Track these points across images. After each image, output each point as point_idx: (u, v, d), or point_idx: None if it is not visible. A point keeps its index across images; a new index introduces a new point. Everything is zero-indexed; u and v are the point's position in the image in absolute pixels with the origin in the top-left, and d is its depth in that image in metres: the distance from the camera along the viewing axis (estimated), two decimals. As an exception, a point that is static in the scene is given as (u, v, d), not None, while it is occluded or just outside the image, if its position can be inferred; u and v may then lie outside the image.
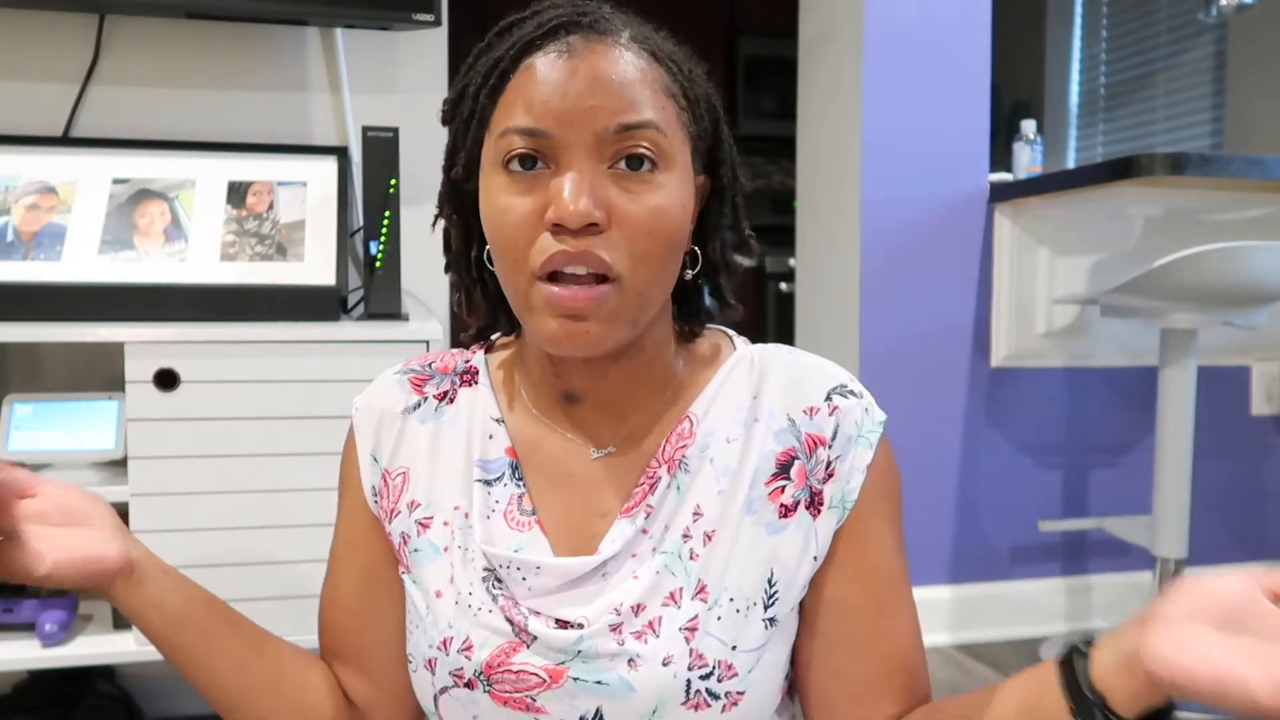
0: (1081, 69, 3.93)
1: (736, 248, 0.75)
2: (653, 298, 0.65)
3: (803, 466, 0.70)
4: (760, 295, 4.19)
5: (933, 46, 2.19)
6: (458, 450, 0.74)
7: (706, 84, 0.70)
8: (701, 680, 0.66)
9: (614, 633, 0.67)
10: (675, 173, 0.64)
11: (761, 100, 4.46)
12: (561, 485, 0.72)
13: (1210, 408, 2.38)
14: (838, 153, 2.28)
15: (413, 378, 0.78)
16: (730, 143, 0.71)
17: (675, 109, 0.65)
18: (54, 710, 1.61)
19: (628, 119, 0.62)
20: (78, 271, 1.50)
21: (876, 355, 2.19)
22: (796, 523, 0.70)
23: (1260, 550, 2.46)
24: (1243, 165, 1.84)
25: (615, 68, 0.63)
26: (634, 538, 0.69)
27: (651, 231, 0.63)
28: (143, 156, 1.64)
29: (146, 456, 1.45)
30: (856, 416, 0.71)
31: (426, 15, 1.66)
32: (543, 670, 0.67)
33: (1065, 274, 2.23)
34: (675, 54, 0.69)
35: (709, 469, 0.70)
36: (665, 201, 0.63)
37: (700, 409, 0.72)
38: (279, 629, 1.59)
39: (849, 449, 0.70)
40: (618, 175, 0.63)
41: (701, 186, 0.70)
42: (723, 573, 0.68)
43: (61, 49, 1.73)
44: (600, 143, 0.62)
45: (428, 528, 0.74)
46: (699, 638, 0.66)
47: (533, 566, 0.69)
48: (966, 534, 2.25)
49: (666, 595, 0.67)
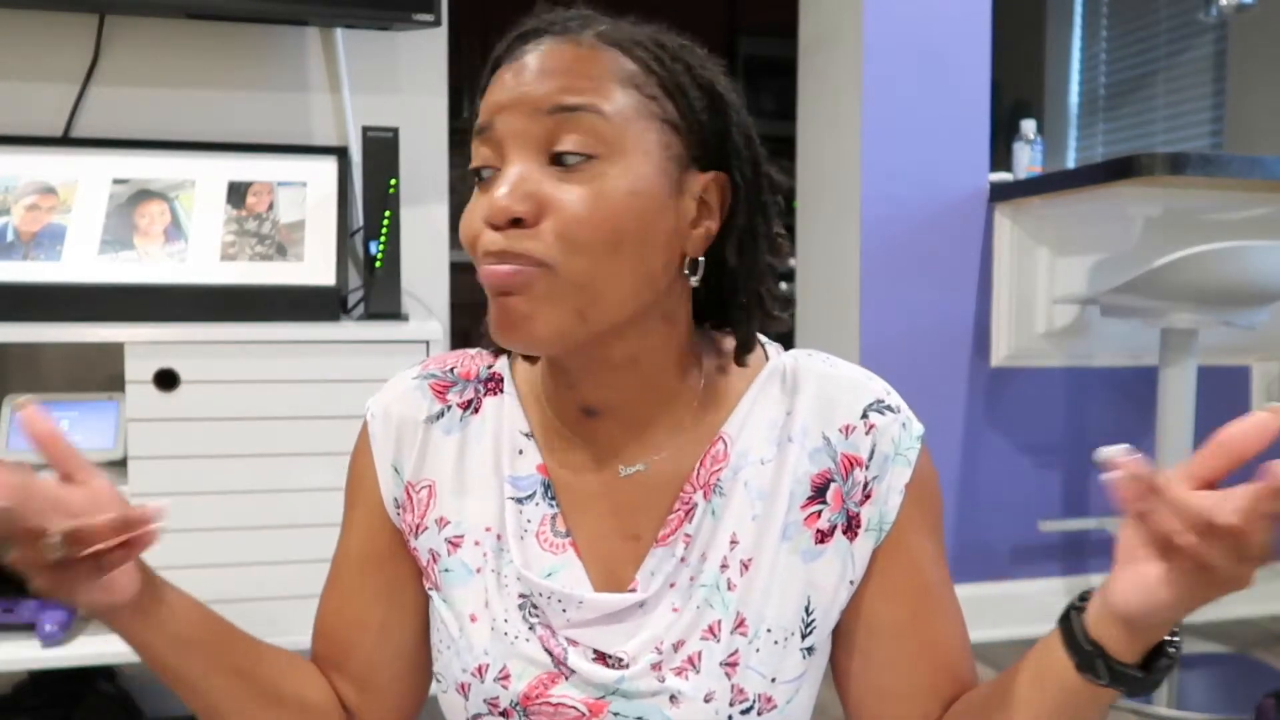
0: (1081, 69, 3.93)
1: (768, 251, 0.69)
2: (603, 291, 0.61)
3: (839, 490, 0.68)
4: (760, 295, 4.19)
5: (933, 46, 2.19)
6: (486, 465, 0.71)
7: (713, 76, 0.67)
8: (743, 715, 0.65)
9: (655, 670, 0.65)
10: (625, 162, 0.61)
11: (761, 100, 4.46)
12: (593, 505, 0.69)
13: (1210, 408, 2.38)
14: (838, 153, 2.28)
15: (434, 383, 0.74)
16: (747, 136, 0.67)
17: (637, 98, 0.62)
18: (54, 710, 1.61)
19: (559, 101, 0.60)
20: (78, 271, 1.50)
21: (876, 355, 2.18)
22: (834, 548, 0.68)
23: (1260, 550, 2.46)
24: (1243, 165, 1.84)
25: (562, 59, 0.62)
26: (674, 569, 0.67)
27: (584, 220, 0.59)
28: (143, 156, 1.64)
29: (146, 456, 1.44)
30: (894, 434, 0.68)
31: (426, 15, 1.66)
32: (582, 704, 0.65)
33: (1065, 274, 2.23)
34: (662, 47, 0.66)
35: (742, 492, 0.67)
36: (608, 188, 0.60)
37: (733, 429, 0.69)
38: (279, 629, 1.59)
39: (886, 469, 0.68)
40: (556, 170, 0.61)
41: (713, 184, 0.66)
42: (761, 604, 0.66)
43: (61, 49, 1.73)
44: (536, 128, 0.61)
45: (459, 547, 0.70)
46: (740, 672, 0.65)
47: (575, 601, 0.67)
48: (966, 534, 2.25)
49: (705, 629, 0.66)
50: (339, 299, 1.58)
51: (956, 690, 0.72)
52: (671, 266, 0.64)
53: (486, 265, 0.61)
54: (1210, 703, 1.88)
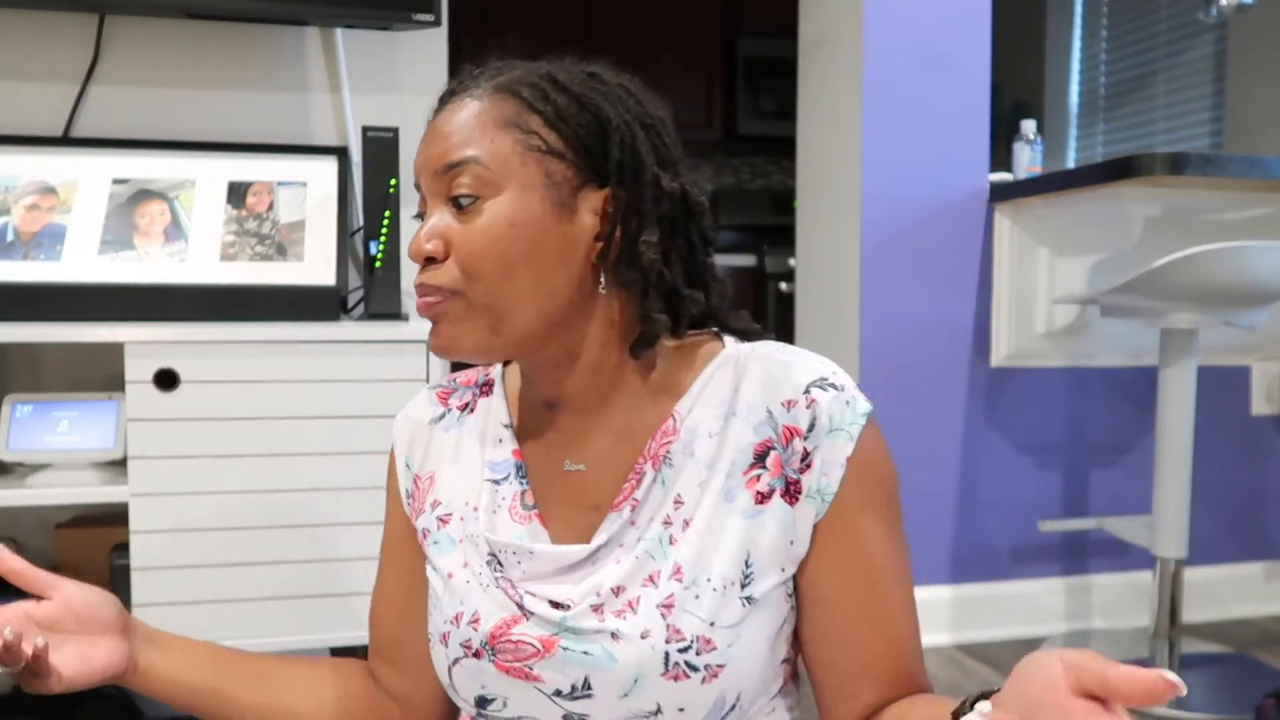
0: (1081, 69, 3.93)
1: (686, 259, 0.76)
2: (507, 307, 0.71)
3: (779, 456, 0.73)
4: (760, 295, 4.19)
5: (933, 46, 2.19)
6: (474, 454, 0.82)
7: (600, 102, 0.73)
8: (680, 653, 0.70)
9: (596, 612, 0.73)
10: (506, 195, 0.71)
11: (761, 100, 4.46)
12: (558, 483, 0.79)
13: (1210, 408, 2.38)
14: (838, 153, 2.28)
15: (440, 392, 0.87)
16: (633, 151, 0.73)
17: (517, 136, 0.71)
18: (54, 710, 1.61)
19: (448, 160, 0.72)
20: (78, 271, 1.50)
21: (876, 355, 2.18)
22: (772, 510, 0.73)
23: (1260, 550, 2.46)
24: (1243, 165, 1.84)
25: (452, 120, 0.73)
26: (620, 529, 0.75)
27: (478, 252, 0.71)
28: (143, 156, 1.64)
29: (146, 456, 1.45)
30: (835, 409, 0.73)
31: (426, 15, 1.66)
32: (537, 640, 0.73)
33: (1065, 274, 2.23)
34: (553, 82, 0.73)
35: (690, 462, 0.74)
36: (490, 222, 0.71)
37: (684, 407, 0.76)
38: (278, 629, 1.59)
39: (826, 440, 0.72)
40: (456, 212, 0.72)
41: (610, 199, 0.73)
42: (699, 555, 0.72)
43: (61, 49, 1.73)
44: (439, 184, 0.73)
45: (446, 523, 0.81)
46: (675, 614, 0.71)
47: (526, 551, 0.76)
48: (966, 534, 2.25)
49: (645, 578, 0.73)
50: (339, 299, 1.58)
51: (900, 680, 0.74)
52: (583, 277, 0.73)
53: (418, 297, 0.74)
54: (1210, 703, 1.88)
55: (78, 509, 1.78)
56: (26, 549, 1.75)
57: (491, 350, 0.73)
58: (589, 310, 0.74)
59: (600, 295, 0.74)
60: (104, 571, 1.69)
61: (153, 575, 1.46)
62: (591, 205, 0.73)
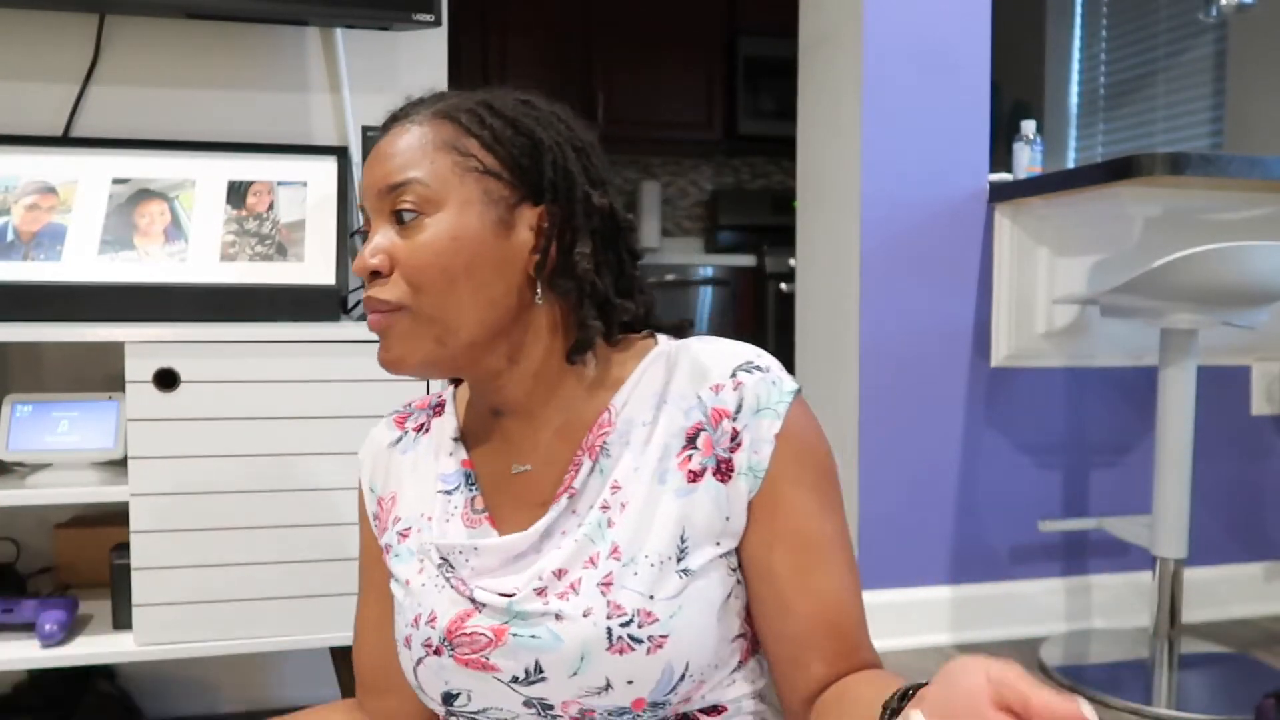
0: (1081, 69, 3.93)
1: (616, 271, 0.82)
2: (451, 319, 0.76)
3: (709, 437, 0.77)
4: (760, 295, 4.19)
5: (933, 46, 2.19)
6: (429, 470, 0.87)
7: (533, 125, 0.78)
8: (622, 627, 0.73)
9: (540, 596, 0.76)
10: (446, 212, 0.75)
11: (761, 100, 4.46)
12: (507, 486, 0.83)
13: (1210, 408, 2.38)
14: (838, 153, 2.28)
15: (397, 417, 0.93)
16: (564, 170, 0.78)
17: (455, 158, 0.76)
18: (54, 710, 1.61)
19: (391, 180, 0.76)
20: (78, 271, 1.50)
21: (876, 355, 2.19)
22: (704, 487, 0.77)
23: (1260, 550, 2.46)
24: (1243, 165, 1.84)
25: (395, 143, 0.77)
26: (560, 518, 0.79)
27: (421, 266, 0.75)
28: (143, 156, 1.64)
29: (146, 456, 1.45)
30: (761, 390, 0.77)
31: (426, 15, 1.66)
32: (490, 630, 0.77)
33: (1065, 274, 2.23)
34: (489, 108, 0.79)
35: (628, 452, 0.79)
36: (431, 237, 0.75)
37: (619, 401, 0.80)
38: (278, 629, 1.59)
39: (754, 420, 0.77)
40: (400, 229, 0.76)
41: (544, 215, 0.78)
42: (634, 534, 0.76)
43: (61, 49, 1.73)
44: (383, 203, 0.77)
45: (406, 537, 0.86)
46: (615, 590, 0.74)
47: (471, 549, 0.80)
48: (966, 534, 2.25)
49: (586, 560, 0.77)
50: (339, 299, 1.58)
51: (845, 648, 0.77)
52: (521, 288, 0.78)
53: (367, 313, 0.78)
54: (1210, 703, 1.88)
55: (78, 509, 1.78)
56: (26, 549, 1.75)
57: (438, 362, 0.77)
58: (527, 320, 0.79)
59: (538, 305, 0.79)
60: (104, 571, 1.69)
61: (153, 575, 1.46)
62: (527, 221, 0.78)
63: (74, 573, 1.73)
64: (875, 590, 2.19)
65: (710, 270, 4.15)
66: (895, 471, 2.20)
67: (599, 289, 0.79)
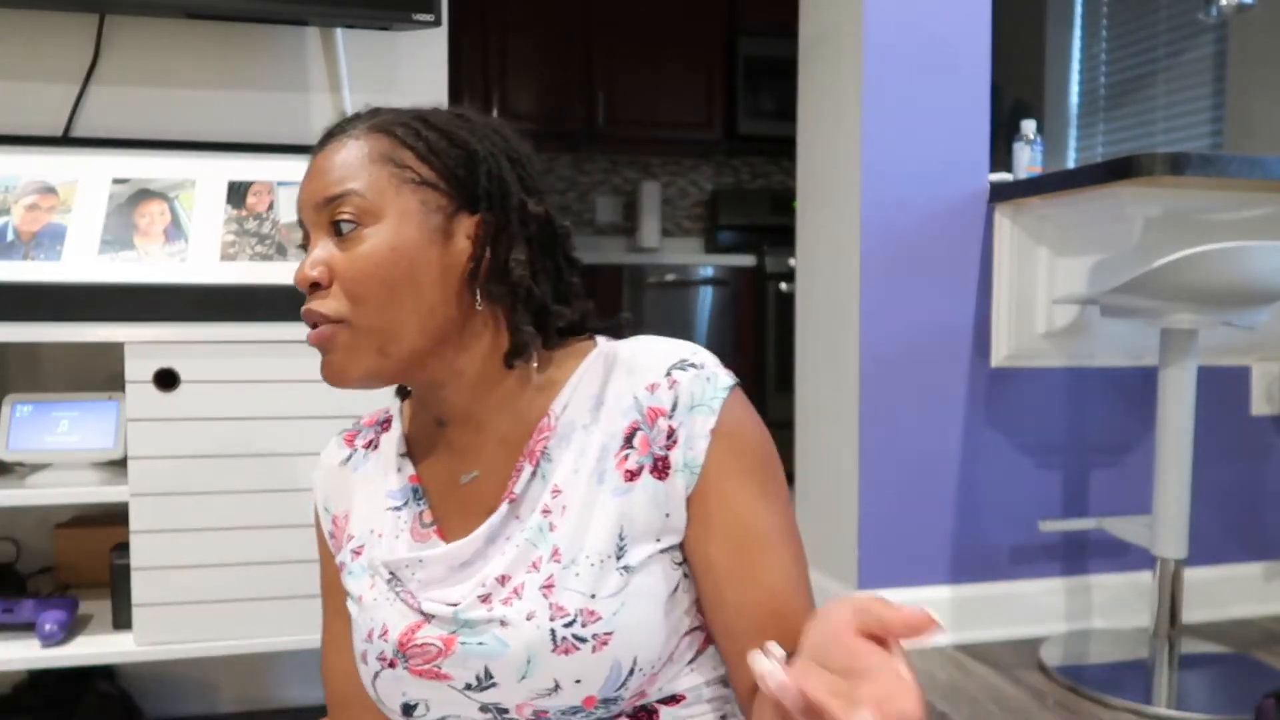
0: (1081, 69, 3.93)
1: (554, 278, 0.84)
2: (392, 329, 0.77)
3: (645, 436, 0.78)
4: (760, 295, 4.19)
5: (933, 46, 2.19)
6: (378, 486, 0.88)
7: (468, 137, 0.80)
8: (566, 628, 0.74)
9: (484, 603, 0.77)
10: (385, 223, 0.77)
11: (761, 100, 4.46)
12: (454, 496, 0.84)
13: (1210, 408, 2.38)
14: (838, 153, 2.28)
15: (346, 435, 0.94)
16: (499, 180, 0.80)
17: (391, 169, 0.78)
18: (54, 710, 1.61)
19: (329, 193, 0.77)
20: (78, 271, 1.50)
21: (876, 355, 2.19)
22: (642, 485, 0.77)
23: (1260, 550, 2.46)
24: (1243, 165, 1.84)
25: (330, 158, 0.79)
26: (502, 524, 0.80)
27: (361, 277, 0.76)
28: (143, 156, 1.64)
29: (146, 456, 1.45)
30: (696, 387, 0.78)
31: (426, 15, 1.66)
32: (439, 640, 0.78)
33: (1065, 274, 2.23)
34: (424, 121, 0.80)
35: (568, 455, 0.80)
36: (371, 248, 0.76)
37: (559, 405, 0.81)
38: (278, 629, 1.59)
39: (689, 416, 0.77)
40: (339, 240, 0.78)
41: (480, 223, 0.79)
42: (574, 535, 0.77)
43: (61, 49, 1.73)
44: (320, 216, 0.78)
45: (359, 554, 0.87)
46: (556, 593, 0.75)
47: (416, 561, 0.81)
48: (966, 534, 2.25)
49: (529, 564, 0.77)
50: (339, 299, 1.58)
51: (788, 639, 0.75)
52: (460, 296, 0.79)
53: (307, 325, 0.79)
54: (1210, 703, 1.88)
55: (78, 509, 1.78)
56: (26, 549, 1.75)
57: (380, 374, 0.78)
58: (468, 328, 0.80)
59: (477, 313, 0.80)
60: (104, 571, 1.69)
61: (153, 575, 1.46)
62: (465, 230, 0.79)
63: (74, 573, 1.73)
64: (875, 590, 2.19)
65: (710, 270, 4.15)
66: (895, 471, 2.20)
67: (535, 295, 0.81)
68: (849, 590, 2.21)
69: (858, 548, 2.19)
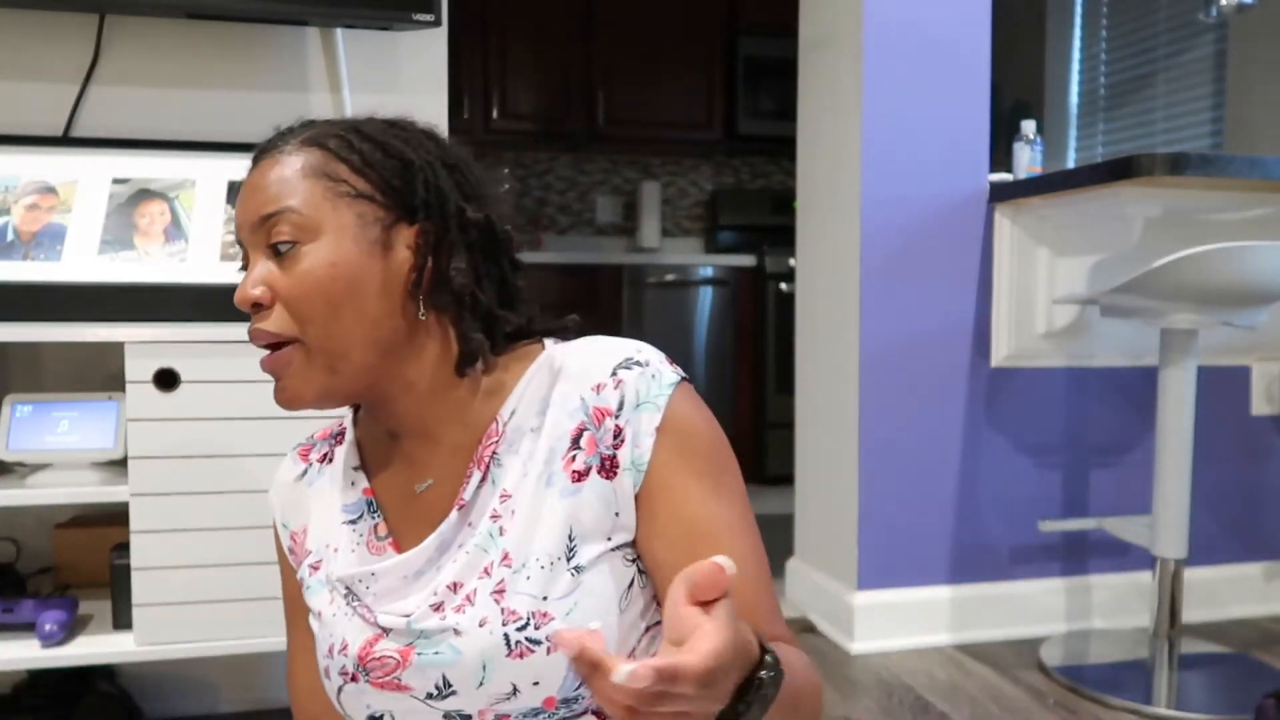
0: (1081, 69, 3.93)
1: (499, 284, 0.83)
2: (341, 346, 0.76)
3: (592, 436, 0.78)
4: (760, 295, 4.19)
5: (933, 47, 2.19)
6: (334, 500, 0.88)
7: (403, 148, 0.79)
8: (519, 631, 0.74)
9: (436, 611, 0.77)
10: (324, 238, 0.76)
11: (761, 100, 4.46)
12: (409, 508, 0.84)
13: (1210, 408, 2.38)
14: (838, 153, 2.28)
15: (301, 450, 0.93)
16: (436, 189, 0.79)
17: (326, 184, 0.77)
18: (54, 710, 1.61)
19: (264, 211, 0.77)
20: (78, 271, 1.50)
21: (876, 355, 2.19)
22: (590, 485, 0.77)
23: (1260, 550, 2.46)
24: (1243, 165, 1.84)
25: (264, 175, 0.78)
26: (453, 532, 0.80)
27: (303, 295, 0.76)
28: (143, 156, 1.64)
29: (146, 456, 1.44)
30: (641, 385, 0.78)
31: (426, 15, 1.66)
32: (396, 653, 0.78)
33: (1065, 274, 2.23)
34: (358, 133, 0.79)
35: (516, 459, 0.79)
36: (310, 265, 0.76)
37: (506, 411, 0.81)
38: (278, 629, 1.59)
39: (635, 415, 0.77)
40: (278, 259, 0.77)
41: (420, 233, 0.79)
42: (523, 538, 0.77)
43: (61, 49, 1.73)
44: (257, 236, 0.78)
45: (317, 569, 0.87)
46: (508, 597, 0.75)
47: (369, 574, 0.81)
48: (966, 534, 2.25)
49: (481, 570, 0.77)
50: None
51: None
52: (405, 307, 0.78)
53: (255, 344, 0.78)
54: (1210, 703, 1.88)
55: (78, 509, 1.78)
56: (26, 549, 1.75)
57: (333, 393, 0.78)
58: (416, 339, 0.80)
59: (422, 323, 0.80)
60: (104, 571, 1.69)
61: (153, 575, 1.46)
62: (405, 240, 0.79)
63: (74, 573, 1.73)
64: (875, 590, 2.19)
65: (710, 270, 4.15)
66: (895, 471, 2.20)
67: (481, 302, 0.80)
68: (850, 590, 2.22)
69: (858, 548, 2.19)
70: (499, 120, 4.24)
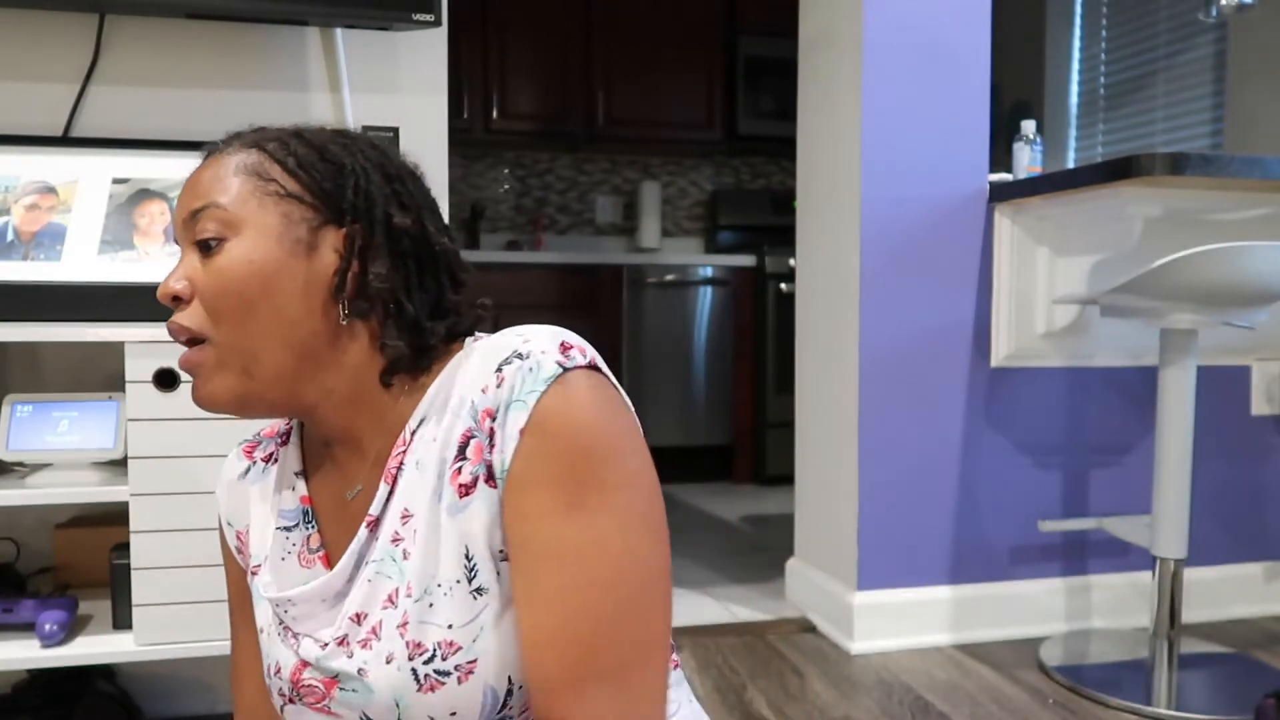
0: (1081, 69, 3.93)
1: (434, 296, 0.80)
2: (254, 347, 0.75)
3: (479, 443, 0.71)
4: (760, 295, 4.19)
5: (933, 46, 2.19)
6: (272, 505, 0.86)
7: (340, 152, 0.79)
8: (426, 664, 0.72)
9: (342, 646, 0.76)
10: (244, 236, 0.75)
11: (761, 100, 4.46)
12: (341, 519, 0.82)
13: (1210, 408, 2.38)
14: (838, 153, 2.28)
15: (246, 447, 0.91)
16: (367, 194, 0.78)
17: (255, 183, 0.77)
18: (54, 710, 1.61)
19: (193, 206, 0.77)
20: (78, 271, 1.50)
21: (876, 355, 2.19)
22: (478, 497, 0.71)
23: (1260, 550, 2.46)
24: (1243, 165, 1.84)
25: (202, 174, 0.78)
26: (362, 550, 0.77)
27: (219, 291, 0.75)
28: (143, 156, 1.64)
29: (146, 456, 1.44)
30: (517, 380, 0.70)
31: (426, 15, 1.66)
32: (320, 683, 0.77)
33: (1065, 274, 2.23)
34: (298, 136, 0.80)
35: (415, 471, 0.75)
36: (228, 261, 0.75)
37: (415, 419, 0.77)
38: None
39: (506, 415, 0.70)
40: (204, 255, 0.76)
41: (346, 237, 0.77)
42: (424, 565, 0.73)
43: (61, 49, 1.73)
44: (188, 231, 0.77)
45: (256, 575, 0.85)
46: (413, 629, 0.72)
47: (288, 600, 0.80)
48: (966, 534, 2.25)
49: (385, 599, 0.74)
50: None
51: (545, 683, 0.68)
52: (326, 310, 0.76)
53: (174, 341, 0.77)
54: (1210, 703, 1.88)
55: (78, 509, 1.78)
56: (26, 549, 1.75)
57: (249, 395, 0.76)
58: (338, 344, 0.77)
59: (345, 328, 0.77)
60: (104, 571, 1.69)
61: (153, 575, 1.46)
62: (331, 243, 0.77)
63: (74, 573, 1.73)
64: (875, 590, 2.20)
65: (710, 270, 4.15)
66: (895, 471, 2.20)
67: (407, 311, 0.77)
68: (849, 590, 2.22)
69: (857, 548, 2.19)
70: (499, 120, 4.24)
